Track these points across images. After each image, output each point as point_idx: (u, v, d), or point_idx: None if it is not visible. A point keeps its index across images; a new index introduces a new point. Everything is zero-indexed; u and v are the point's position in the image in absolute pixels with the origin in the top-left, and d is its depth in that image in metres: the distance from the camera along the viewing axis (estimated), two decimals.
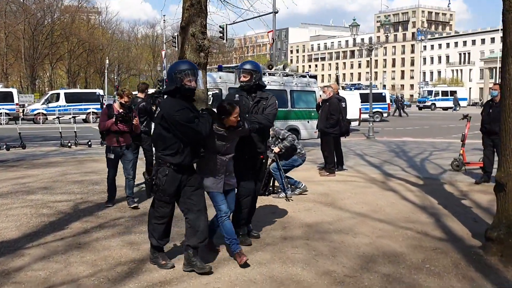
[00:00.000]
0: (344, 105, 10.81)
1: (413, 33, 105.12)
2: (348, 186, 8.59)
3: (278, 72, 16.01)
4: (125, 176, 6.95)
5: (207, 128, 4.13)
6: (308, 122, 14.87)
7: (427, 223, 6.01)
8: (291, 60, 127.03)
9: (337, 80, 49.15)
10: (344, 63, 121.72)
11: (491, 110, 8.46)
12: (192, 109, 4.21)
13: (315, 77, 18.34)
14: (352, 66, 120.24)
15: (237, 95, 5.06)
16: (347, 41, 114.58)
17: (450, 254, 4.76)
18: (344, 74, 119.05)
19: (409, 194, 7.79)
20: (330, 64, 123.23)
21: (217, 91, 13.42)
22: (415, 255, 4.75)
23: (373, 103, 22.92)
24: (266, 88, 5.28)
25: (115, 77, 72.00)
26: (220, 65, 15.98)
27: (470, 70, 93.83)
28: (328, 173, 9.83)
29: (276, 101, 5.18)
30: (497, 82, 9.87)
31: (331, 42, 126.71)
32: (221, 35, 27.10)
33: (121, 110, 6.72)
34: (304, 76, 16.68)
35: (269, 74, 15.39)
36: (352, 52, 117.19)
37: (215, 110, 4.44)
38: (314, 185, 8.57)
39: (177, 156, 4.12)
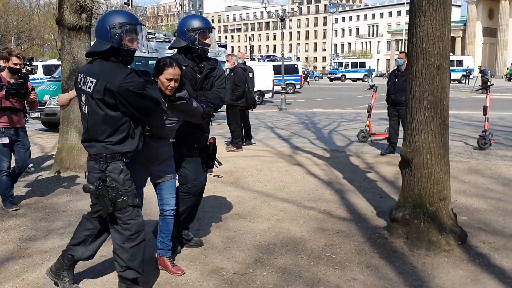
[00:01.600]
0: (251, 76, 10.19)
1: (325, 6, 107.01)
2: (254, 162, 8.05)
3: None
4: (18, 169, 5.42)
5: (159, 93, 3.11)
6: None
7: (332, 200, 5.61)
8: None
9: (251, 51, 48.75)
10: (260, 34, 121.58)
11: (396, 80, 8.27)
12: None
13: (225, 46, 17.59)
14: (267, 38, 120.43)
15: (182, 67, 3.52)
16: (262, 12, 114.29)
17: (354, 237, 4.34)
18: (260, 46, 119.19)
19: (315, 168, 7.40)
20: (246, 35, 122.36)
21: None
22: (316, 240, 4.26)
23: (286, 75, 22.71)
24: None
25: (15, 47, 65.85)
26: None
27: (378, 42, 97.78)
28: (235, 148, 9.24)
29: (224, 72, 3.99)
30: (403, 51, 9.81)
31: (247, 13, 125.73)
32: (126, 0, 25.25)
33: (12, 81, 5.14)
34: None
35: None
36: (267, 23, 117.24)
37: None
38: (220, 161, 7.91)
39: (128, 141, 3.00)
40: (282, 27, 23.26)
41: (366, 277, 3.52)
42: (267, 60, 35.30)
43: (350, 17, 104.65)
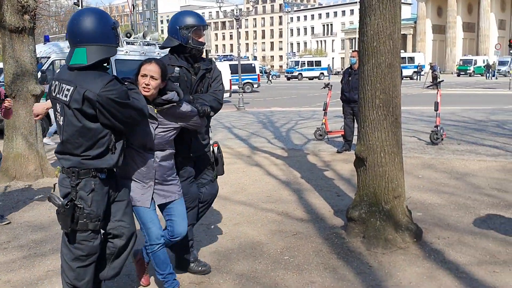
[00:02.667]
0: None
1: (280, 5, 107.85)
2: None
3: (137, 40, 14.73)
4: None
5: (144, 102, 2.80)
6: None
7: (290, 201, 5.56)
8: (162, 31, 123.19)
9: (207, 51, 48.48)
10: (216, 34, 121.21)
11: (350, 78, 8.35)
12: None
13: None
14: (224, 38, 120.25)
15: (176, 68, 3.33)
16: (217, 12, 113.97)
17: (312, 238, 4.30)
18: (216, 46, 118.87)
19: (274, 169, 7.36)
20: None
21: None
22: (274, 244, 4.19)
23: (243, 74, 22.64)
24: (124, 58, 3.74)
25: None
26: (46, 36, 14.20)
27: (333, 41, 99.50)
28: None
29: (221, 73, 3.67)
30: (356, 49, 9.93)
31: (202, 13, 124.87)
32: (76, 0, 24.42)
33: None
34: None
35: (128, 43, 14.19)
36: (223, 23, 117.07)
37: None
38: None
39: (108, 156, 2.73)
40: (238, 26, 23.17)
41: (324, 280, 3.47)
42: (224, 60, 35.15)
43: (305, 16, 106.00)
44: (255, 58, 74.50)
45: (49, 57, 12.21)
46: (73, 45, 2.72)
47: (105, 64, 2.81)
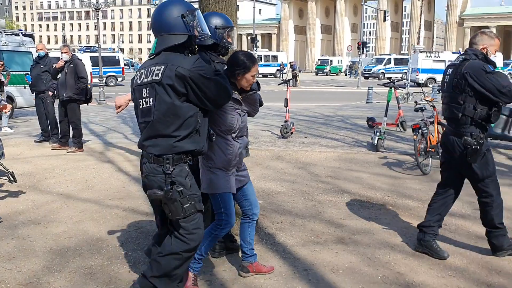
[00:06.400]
0: None
1: None
2: (60, 162, 7.53)
3: None
4: None
5: (229, 84, 2.83)
6: (25, 87, 12.93)
7: (138, 196, 5.54)
8: (17, 18, 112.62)
9: (64, 41, 45.56)
10: (80, 24, 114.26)
11: None
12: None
13: (31, 35, 16.15)
14: (88, 28, 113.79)
15: (221, 64, 3.39)
16: (80, 0, 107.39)
17: (154, 232, 4.36)
18: (79, 36, 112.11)
19: (127, 165, 7.26)
20: (63, 24, 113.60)
21: None
22: (113, 239, 4.16)
23: (107, 67, 21.70)
24: None
25: None
26: None
27: None
28: (76, 148, 8.40)
29: None
30: None
31: (64, 1, 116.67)
32: None
33: None
34: (17, 35, 14.69)
35: None
36: (88, 13, 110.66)
37: None
38: (19, 163, 7.24)
39: (193, 138, 2.69)
40: (97, 17, 22.17)
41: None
42: (86, 51, 33.27)
43: None
44: (121, 50, 71.70)
45: None
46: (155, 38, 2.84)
47: (189, 51, 2.81)
